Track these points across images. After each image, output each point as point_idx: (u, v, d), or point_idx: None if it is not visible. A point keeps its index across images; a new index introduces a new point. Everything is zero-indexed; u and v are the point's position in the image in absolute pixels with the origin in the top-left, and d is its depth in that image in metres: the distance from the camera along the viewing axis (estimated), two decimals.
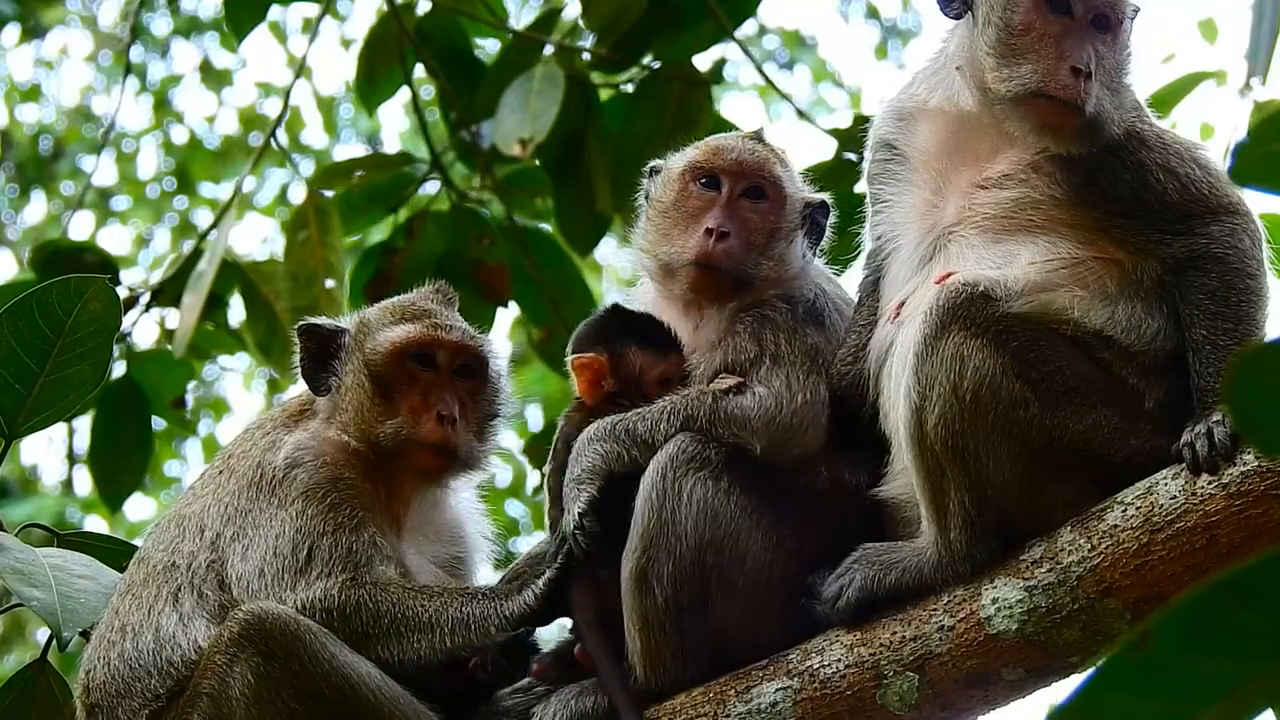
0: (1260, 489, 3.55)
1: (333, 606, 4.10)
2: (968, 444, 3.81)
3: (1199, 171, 3.98)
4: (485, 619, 4.10)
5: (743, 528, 4.07)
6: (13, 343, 4.48)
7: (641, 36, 7.05)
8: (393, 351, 4.38)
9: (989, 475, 3.81)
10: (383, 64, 7.41)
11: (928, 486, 3.86)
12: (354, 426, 4.35)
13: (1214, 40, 11.00)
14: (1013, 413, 3.80)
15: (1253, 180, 2.49)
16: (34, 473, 16.55)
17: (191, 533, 4.31)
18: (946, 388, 3.81)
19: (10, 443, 4.64)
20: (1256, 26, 4.94)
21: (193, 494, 4.44)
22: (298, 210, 7.38)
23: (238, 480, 4.33)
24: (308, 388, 4.48)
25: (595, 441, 4.16)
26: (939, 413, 3.82)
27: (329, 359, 4.45)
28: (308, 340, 4.48)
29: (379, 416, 4.34)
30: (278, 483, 4.28)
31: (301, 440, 4.38)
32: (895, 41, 20.19)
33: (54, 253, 7.17)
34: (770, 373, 4.17)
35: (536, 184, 7.52)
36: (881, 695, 3.89)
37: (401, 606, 4.12)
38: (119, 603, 4.30)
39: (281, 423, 4.48)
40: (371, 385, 4.36)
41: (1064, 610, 3.72)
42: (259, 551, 4.19)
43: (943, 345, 3.83)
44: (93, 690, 4.20)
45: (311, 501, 4.23)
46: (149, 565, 4.32)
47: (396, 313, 4.48)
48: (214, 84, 18.03)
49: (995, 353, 3.81)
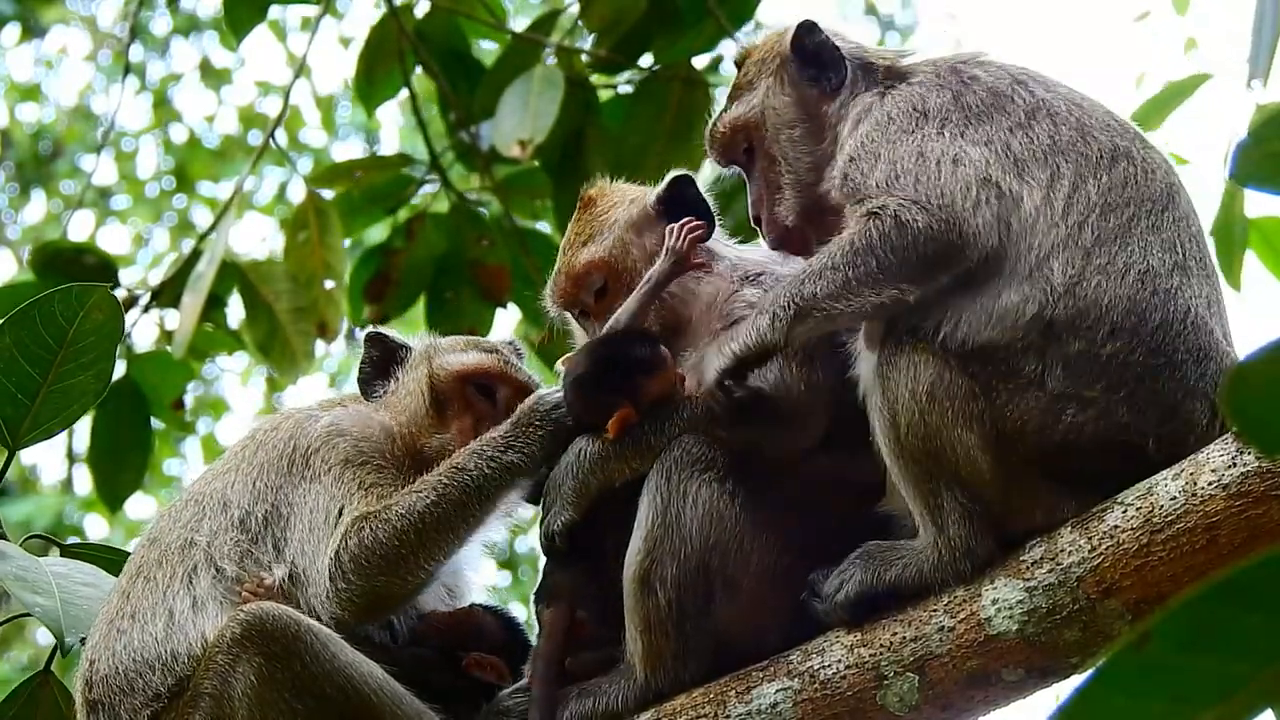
0: (1260, 489, 3.55)
1: (349, 542, 4.13)
2: (939, 441, 3.83)
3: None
4: (483, 470, 4.21)
5: (747, 530, 4.07)
6: (15, 352, 4.48)
7: (641, 37, 7.06)
8: (460, 373, 4.52)
9: (967, 466, 3.82)
10: (382, 65, 7.42)
11: (918, 492, 3.88)
12: (402, 428, 4.45)
13: (1184, 11, 10.97)
14: (968, 405, 3.83)
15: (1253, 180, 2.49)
16: (33, 472, 16.55)
17: (213, 510, 4.32)
18: (906, 395, 3.85)
19: (13, 453, 4.63)
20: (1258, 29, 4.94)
21: (212, 474, 4.46)
22: (297, 211, 7.38)
23: (267, 454, 4.37)
24: (360, 391, 4.60)
25: (598, 462, 4.15)
26: (906, 420, 3.85)
27: (389, 370, 4.59)
28: (374, 348, 4.63)
29: (429, 427, 4.45)
30: (313, 452, 4.34)
31: (345, 414, 4.48)
32: (893, 35, 20.22)
33: (54, 254, 7.18)
34: (763, 369, 4.16)
35: (536, 185, 7.52)
36: (882, 696, 3.89)
37: (411, 505, 4.17)
38: (129, 585, 4.28)
39: (319, 407, 4.56)
40: (430, 397, 4.48)
41: (1064, 611, 3.72)
42: (299, 533, 4.25)
43: (899, 359, 3.87)
44: (95, 685, 4.19)
45: (350, 467, 4.30)
46: (162, 545, 4.31)
47: (470, 344, 4.63)
48: (213, 83, 18.04)
49: (940, 352, 3.85)
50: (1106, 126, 4.12)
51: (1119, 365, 3.84)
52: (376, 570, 4.12)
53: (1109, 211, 4.01)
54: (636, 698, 4.10)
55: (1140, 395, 3.83)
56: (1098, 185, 4.03)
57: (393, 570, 4.13)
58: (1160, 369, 3.84)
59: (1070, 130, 4.08)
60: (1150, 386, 3.83)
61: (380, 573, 4.13)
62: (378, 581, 4.13)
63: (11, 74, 18.31)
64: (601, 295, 4.45)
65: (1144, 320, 3.87)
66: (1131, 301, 3.88)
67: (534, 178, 7.49)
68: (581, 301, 4.48)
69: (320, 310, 7.22)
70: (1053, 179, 4.01)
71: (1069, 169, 4.02)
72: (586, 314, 4.49)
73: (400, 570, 4.14)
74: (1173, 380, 3.85)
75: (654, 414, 4.14)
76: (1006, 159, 4.02)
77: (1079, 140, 4.06)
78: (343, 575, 4.12)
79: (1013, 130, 4.07)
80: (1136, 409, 3.82)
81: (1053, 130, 4.07)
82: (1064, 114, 4.11)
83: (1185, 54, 13.04)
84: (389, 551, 4.13)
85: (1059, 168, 4.02)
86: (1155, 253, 3.96)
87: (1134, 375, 3.83)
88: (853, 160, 4.12)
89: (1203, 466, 3.62)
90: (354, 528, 4.15)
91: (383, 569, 4.13)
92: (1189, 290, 3.95)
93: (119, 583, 4.34)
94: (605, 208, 4.53)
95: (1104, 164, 4.05)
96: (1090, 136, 4.08)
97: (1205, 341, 3.91)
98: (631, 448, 4.14)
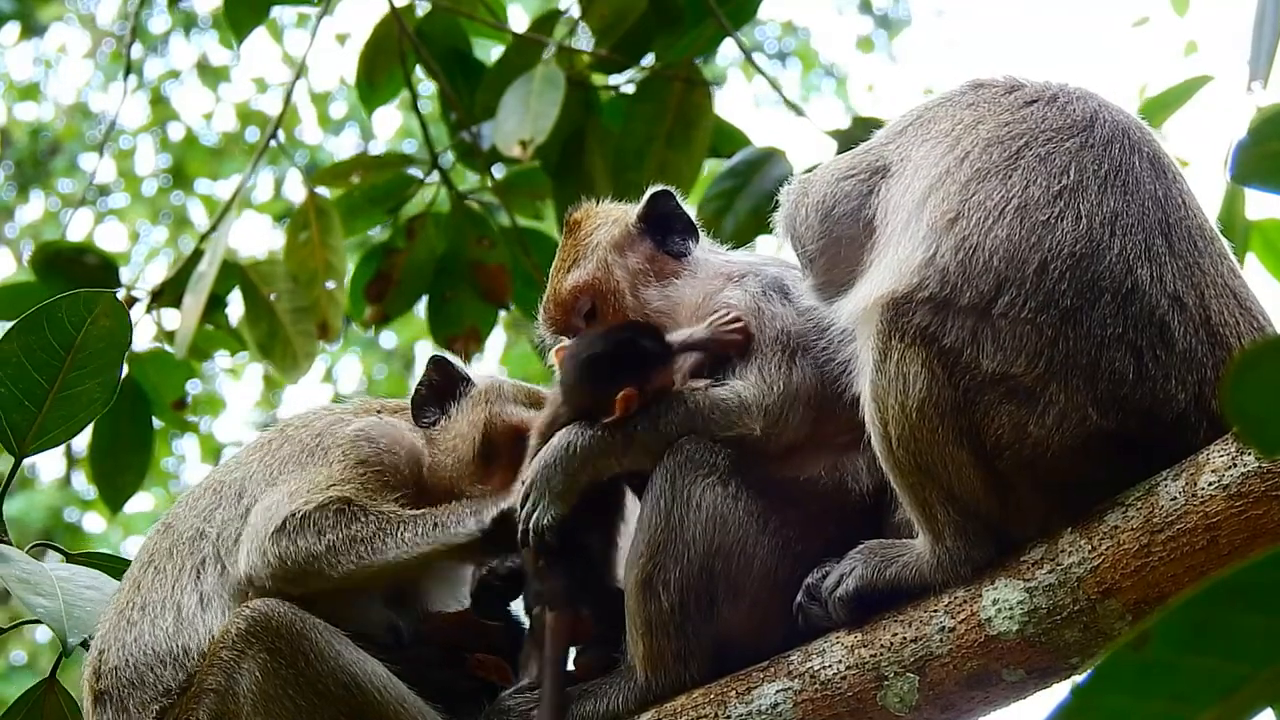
0: (1260, 490, 3.54)
1: (324, 514, 4.13)
2: (928, 458, 3.78)
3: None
4: (464, 515, 4.19)
5: (750, 533, 4.08)
6: (23, 358, 4.46)
7: (642, 37, 7.06)
8: (516, 428, 4.46)
9: (959, 480, 3.78)
10: (383, 66, 7.42)
11: (914, 501, 3.86)
12: (442, 467, 4.42)
13: (1184, 12, 10.97)
14: (957, 420, 3.73)
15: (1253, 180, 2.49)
16: (31, 471, 16.55)
17: (229, 500, 4.32)
18: (897, 408, 3.79)
19: (20, 460, 4.62)
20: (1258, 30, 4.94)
21: (235, 462, 4.45)
22: (298, 211, 7.38)
23: (292, 448, 4.37)
24: (413, 414, 4.54)
25: (587, 456, 4.16)
26: (898, 433, 3.79)
27: (446, 397, 4.53)
28: (436, 372, 4.57)
29: (473, 476, 4.40)
30: (335, 447, 4.33)
31: (377, 424, 4.45)
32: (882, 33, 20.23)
33: (55, 254, 7.17)
34: (743, 368, 4.18)
35: (537, 185, 7.52)
36: (882, 696, 3.89)
37: (385, 514, 4.17)
38: (140, 574, 4.28)
39: (354, 410, 4.55)
40: (481, 444, 4.43)
41: (1064, 611, 3.72)
42: (277, 495, 4.22)
43: (888, 365, 3.80)
44: (103, 675, 4.18)
45: (362, 466, 4.29)
46: (175, 534, 4.31)
47: (532, 397, 4.56)
48: (211, 81, 18.04)
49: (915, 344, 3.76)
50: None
51: (1027, 333, 3.66)
52: (324, 545, 4.09)
53: (993, 145, 3.87)
54: (637, 698, 4.11)
55: (1060, 365, 3.64)
56: (995, 123, 3.93)
57: (334, 554, 4.10)
58: (1060, 324, 3.64)
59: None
60: (1065, 351, 3.65)
61: (324, 549, 4.09)
62: (315, 553, 4.09)
63: (9, 73, 18.31)
64: (591, 318, 4.50)
65: (1024, 264, 3.68)
66: (1011, 244, 3.71)
67: (534, 178, 7.49)
68: (573, 326, 4.53)
69: (321, 310, 7.22)
70: (942, 138, 3.96)
71: (970, 134, 3.92)
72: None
73: (338, 560, 4.10)
74: (1078, 336, 3.65)
75: (645, 410, 4.16)
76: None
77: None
78: (294, 532, 4.10)
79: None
80: (1072, 388, 3.64)
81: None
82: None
83: (1186, 57, 13.04)
84: (340, 541, 4.11)
85: (959, 140, 3.94)
86: (1039, 181, 3.78)
87: (1046, 341, 3.65)
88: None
89: (1203, 467, 3.62)
90: (334, 504, 4.14)
91: (328, 548, 4.09)
92: (1079, 208, 3.69)
93: (131, 569, 4.34)
94: (589, 230, 4.59)
95: (1014, 108, 3.95)
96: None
97: (1104, 272, 3.67)
98: (622, 442, 4.15)
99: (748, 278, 4.38)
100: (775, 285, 4.33)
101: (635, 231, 4.56)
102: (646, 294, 4.46)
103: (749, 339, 4.22)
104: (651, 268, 4.50)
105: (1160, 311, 3.71)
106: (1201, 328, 3.75)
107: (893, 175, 4.04)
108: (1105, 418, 3.67)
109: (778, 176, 6.62)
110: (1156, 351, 3.69)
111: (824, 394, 4.13)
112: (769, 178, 6.75)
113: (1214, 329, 3.77)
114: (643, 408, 4.15)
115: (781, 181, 4.74)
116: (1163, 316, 3.70)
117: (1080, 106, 3.93)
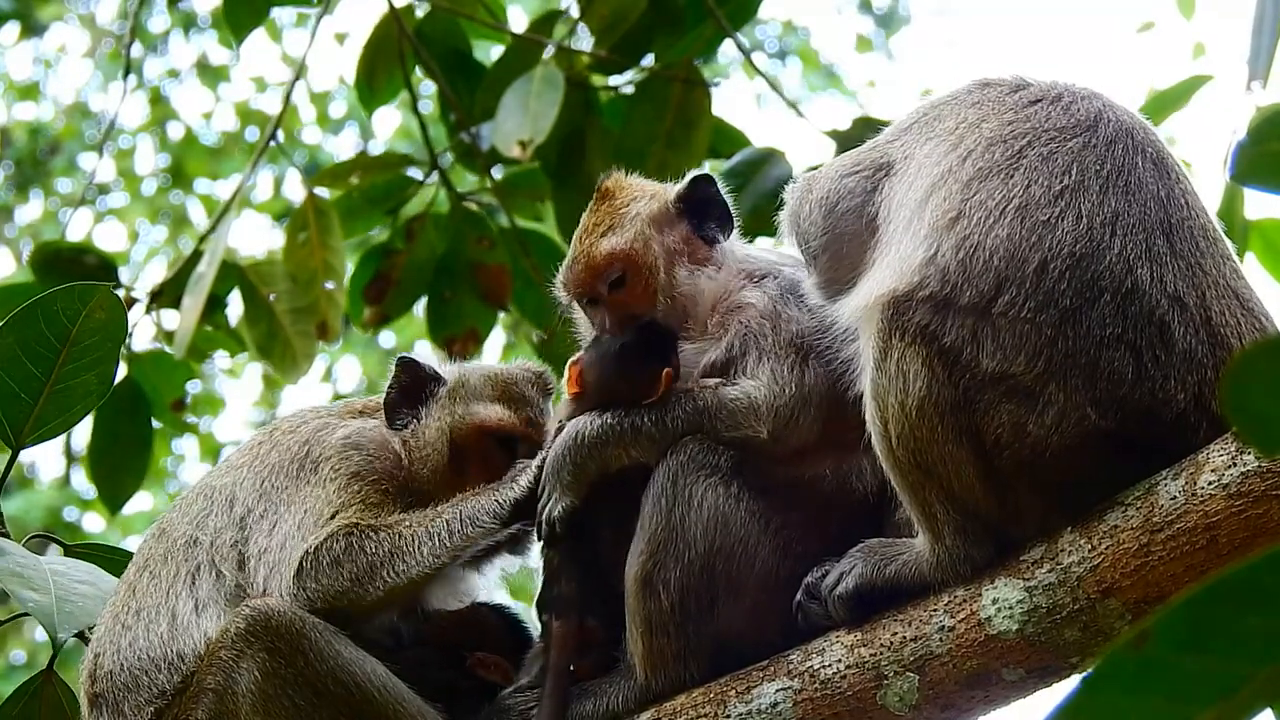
0: (1260, 489, 3.54)
1: (335, 543, 4.13)
2: (928, 457, 3.78)
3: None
4: (480, 509, 4.19)
5: (751, 533, 4.08)
6: (18, 350, 4.47)
7: (642, 37, 7.06)
8: (480, 429, 4.47)
9: (959, 480, 3.78)
10: (383, 66, 7.42)
11: (913, 500, 3.86)
12: (421, 479, 4.42)
13: (1190, 15, 10.96)
14: (957, 419, 3.74)
15: (1253, 180, 2.49)
16: (31, 469, 16.55)
17: (220, 506, 4.33)
18: (896, 407, 3.79)
19: (16, 453, 4.62)
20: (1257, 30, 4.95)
21: (227, 466, 4.45)
22: (297, 211, 7.38)
23: (280, 454, 4.37)
24: (386, 419, 4.52)
25: (595, 445, 4.17)
26: (897, 433, 3.80)
27: (418, 398, 4.53)
28: (403, 374, 4.56)
29: (448, 483, 4.39)
30: (324, 459, 4.33)
31: (363, 428, 4.46)
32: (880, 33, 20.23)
33: (54, 253, 7.17)
34: (756, 369, 4.19)
35: (536, 186, 7.52)
36: (882, 696, 3.89)
37: (397, 527, 4.17)
38: (135, 578, 4.29)
39: (340, 414, 4.55)
40: (449, 451, 4.43)
41: (1064, 610, 3.72)
42: (286, 527, 4.22)
43: (888, 363, 3.81)
44: (99, 679, 4.19)
45: (358, 480, 4.29)
46: (169, 539, 4.32)
47: (497, 388, 4.55)
48: (210, 80, 18.03)
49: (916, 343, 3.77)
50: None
51: (1026, 332, 3.67)
52: (348, 577, 4.11)
53: (995, 144, 3.88)
54: (637, 698, 4.11)
55: (1059, 365, 3.64)
56: (998, 121, 3.93)
57: (360, 584, 4.11)
58: (1060, 324, 3.65)
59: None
60: (1064, 351, 3.66)
61: (350, 581, 4.10)
62: (342, 588, 4.10)
63: (9, 72, 18.31)
64: (618, 286, 4.47)
65: (1024, 263, 3.70)
66: (1011, 243, 3.73)
67: (534, 178, 7.49)
68: (596, 290, 4.50)
69: (320, 310, 7.22)
70: (945, 137, 3.96)
71: (974, 131, 3.93)
72: (596, 302, 4.51)
73: (367, 588, 4.11)
74: (1077, 335, 3.68)
75: (654, 405, 4.16)
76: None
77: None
78: (314, 571, 4.11)
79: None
80: (1071, 387, 3.65)
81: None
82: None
83: (1194, 60, 13.03)
84: (362, 569, 4.11)
85: (963, 138, 3.94)
86: (1041, 181, 3.79)
87: (1045, 340, 3.66)
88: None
89: (1202, 466, 3.62)
90: (343, 531, 4.15)
91: (353, 579, 4.10)
92: (1080, 208, 3.71)
93: (127, 573, 4.36)
94: (625, 200, 4.56)
95: (1018, 107, 3.95)
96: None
97: (1104, 272, 3.68)
98: (630, 434, 4.15)
99: (768, 279, 4.39)
100: (793, 288, 4.34)
101: (674, 211, 4.55)
102: (678, 274, 4.46)
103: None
104: (686, 249, 4.50)
105: (1160, 312, 3.71)
106: (1202, 328, 3.76)
107: (896, 173, 4.05)
108: (1104, 417, 3.67)
109: (777, 177, 6.62)
110: (1156, 351, 3.70)
111: (833, 396, 4.13)
112: (769, 178, 6.75)
113: (1215, 329, 3.78)
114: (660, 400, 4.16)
115: (781, 182, 4.76)
116: (1162, 317, 3.71)
117: (1085, 107, 3.93)
